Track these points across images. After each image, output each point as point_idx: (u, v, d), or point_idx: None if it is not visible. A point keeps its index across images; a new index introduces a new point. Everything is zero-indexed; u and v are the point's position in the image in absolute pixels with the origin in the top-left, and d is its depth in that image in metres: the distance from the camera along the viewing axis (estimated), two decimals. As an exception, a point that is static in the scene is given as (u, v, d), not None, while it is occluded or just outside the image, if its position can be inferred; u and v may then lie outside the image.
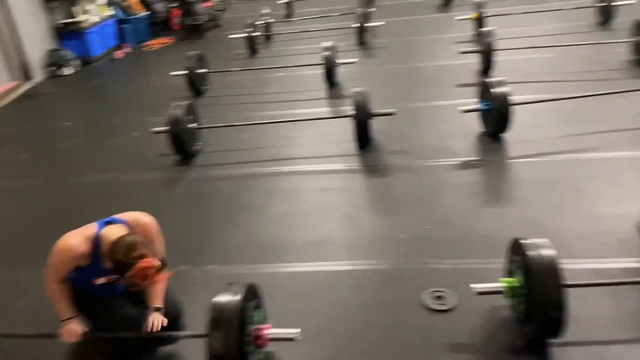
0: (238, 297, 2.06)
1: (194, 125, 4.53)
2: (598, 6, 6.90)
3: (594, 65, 5.51)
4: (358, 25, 7.29)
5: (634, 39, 5.40)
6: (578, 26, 6.85)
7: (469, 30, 7.21)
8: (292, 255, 3.14)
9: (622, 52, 5.59)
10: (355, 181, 3.97)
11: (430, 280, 2.75)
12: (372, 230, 3.30)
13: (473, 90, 4.57)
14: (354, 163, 4.17)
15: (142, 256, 2.04)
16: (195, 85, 6.03)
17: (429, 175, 3.88)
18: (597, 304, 2.44)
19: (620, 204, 3.15)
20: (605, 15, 6.72)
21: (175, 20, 9.55)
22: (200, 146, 4.60)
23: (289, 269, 3.01)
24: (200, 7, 9.30)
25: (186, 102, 4.55)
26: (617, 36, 6.03)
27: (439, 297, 2.62)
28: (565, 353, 2.22)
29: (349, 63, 5.87)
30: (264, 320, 2.25)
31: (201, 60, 6.24)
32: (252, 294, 2.19)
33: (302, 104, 5.52)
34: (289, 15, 9.59)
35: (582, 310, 2.38)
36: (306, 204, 3.69)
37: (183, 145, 4.37)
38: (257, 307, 2.22)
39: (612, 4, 6.67)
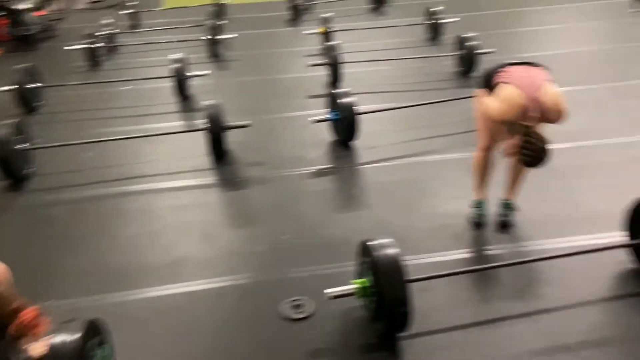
0: (75, 336, 1.85)
1: (25, 145, 4.05)
2: (427, 23, 7.65)
3: (427, 76, 6.08)
4: (209, 37, 7.19)
5: (457, 53, 6.07)
6: (412, 41, 7.51)
7: (317, 44, 7.51)
8: (144, 280, 2.93)
9: (449, 64, 6.25)
10: (212, 196, 3.86)
11: (289, 290, 2.76)
12: (229, 245, 3.23)
13: (323, 100, 4.75)
14: (210, 177, 4.07)
15: (22, 307, 1.86)
16: (26, 101, 5.41)
17: (285, 185, 3.93)
18: (438, 295, 2.65)
19: (454, 201, 3.48)
20: (434, 32, 7.47)
21: (2, 30, 8.52)
22: (33, 169, 4.12)
23: (141, 296, 2.80)
24: (31, 16, 8.41)
25: (14, 120, 4.05)
26: (445, 50, 6.74)
27: (297, 306, 2.64)
28: (413, 344, 2.37)
29: (200, 75, 5.74)
30: (109, 357, 2.05)
31: (33, 74, 5.63)
32: (93, 330, 1.98)
33: (152, 118, 5.26)
34: (134, 26, 9.11)
35: (425, 301, 2.57)
36: (159, 224, 3.49)
37: (11, 168, 3.87)
38: (101, 343, 2.02)
39: (440, 21, 7.42)
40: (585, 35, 7.57)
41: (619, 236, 2.83)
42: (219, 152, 4.18)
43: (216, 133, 4.11)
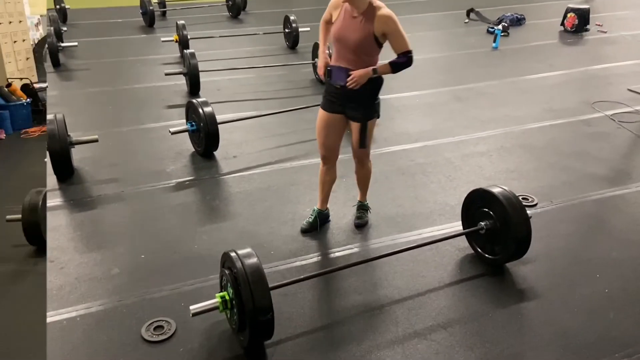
0: None
1: None
2: (285, 32, 7.82)
3: (287, 84, 6.21)
4: (49, 45, 6.58)
5: (314, 61, 6.28)
6: (272, 49, 7.63)
7: (175, 52, 7.28)
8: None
9: (308, 72, 6.45)
10: (58, 219, 3.52)
11: (150, 312, 2.62)
12: (79, 271, 2.97)
13: (182, 111, 4.60)
14: (55, 199, 3.71)
15: None
16: None
17: (143, 202, 3.73)
18: (300, 298, 2.71)
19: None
20: (292, 41, 7.65)
21: None
22: None
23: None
24: None
25: None
26: (303, 58, 6.94)
27: (158, 327, 2.51)
28: (279, 350, 2.38)
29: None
30: None
31: None
32: None
33: (-16, 136, 4.67)
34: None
35: (288, 306, 2.62)
36: (-6, 256, 3.10)
37: None
38: None
39: (300, 30, 7.59)
40: (428, 43, 8.31)
41: (460, 226, 3.14)
42: (63, 170, 3.83)
43: (59, 150, 3.76)
